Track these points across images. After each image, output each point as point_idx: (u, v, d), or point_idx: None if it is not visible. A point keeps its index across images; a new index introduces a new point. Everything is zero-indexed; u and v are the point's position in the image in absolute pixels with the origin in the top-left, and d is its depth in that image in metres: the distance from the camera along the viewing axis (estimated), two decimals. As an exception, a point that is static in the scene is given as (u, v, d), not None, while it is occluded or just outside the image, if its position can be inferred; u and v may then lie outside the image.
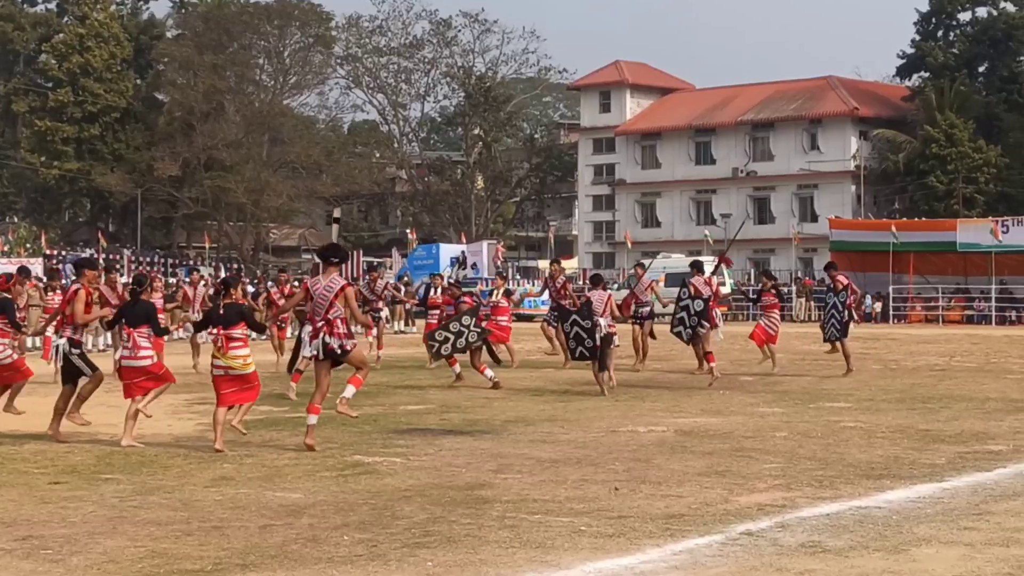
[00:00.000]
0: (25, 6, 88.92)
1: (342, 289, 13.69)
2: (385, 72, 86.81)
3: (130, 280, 17.20)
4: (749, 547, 8.93)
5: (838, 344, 24.76)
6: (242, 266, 73.12)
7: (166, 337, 19.67)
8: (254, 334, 16.05)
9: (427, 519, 9.98)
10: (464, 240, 70.12)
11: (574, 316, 20.76)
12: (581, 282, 66.39)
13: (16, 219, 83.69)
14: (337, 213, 67.35)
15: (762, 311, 25.92)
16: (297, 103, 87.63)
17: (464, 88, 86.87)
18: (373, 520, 9.95)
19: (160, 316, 16.96)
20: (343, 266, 14.35)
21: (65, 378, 14.89)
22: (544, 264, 76.43)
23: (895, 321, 53.54)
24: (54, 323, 16.08)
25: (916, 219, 60.15)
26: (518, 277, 65.02)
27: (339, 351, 13.68)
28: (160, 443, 14.41)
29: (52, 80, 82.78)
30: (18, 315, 17.15)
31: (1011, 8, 77.02)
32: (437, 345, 21.40)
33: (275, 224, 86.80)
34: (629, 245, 73.98)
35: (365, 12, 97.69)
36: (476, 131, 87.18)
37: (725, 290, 31.14)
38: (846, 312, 24.78)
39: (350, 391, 14.19)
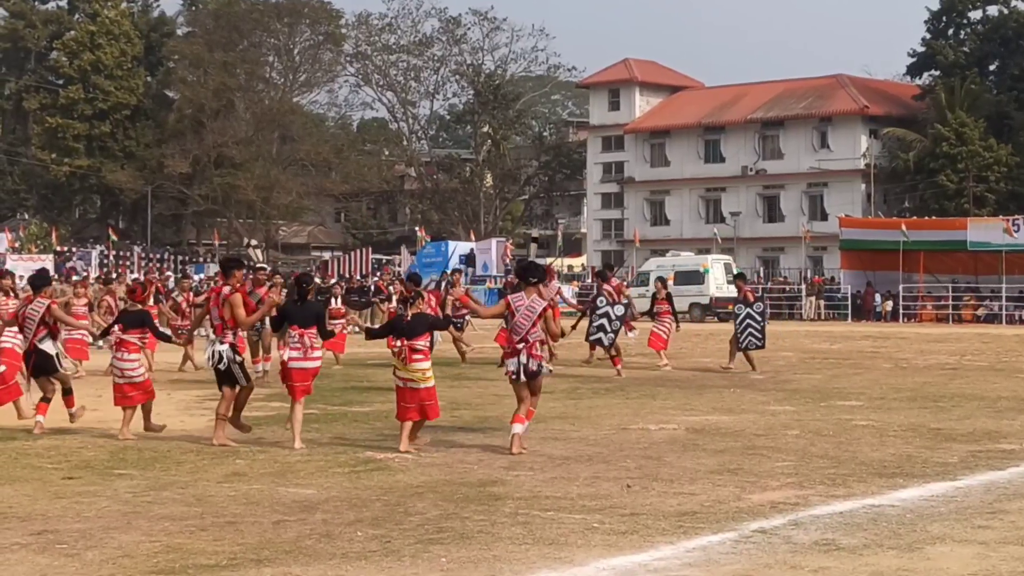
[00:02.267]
0: (36, 4, 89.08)
1: (544, 310, 13.42)
2: (394, 70, 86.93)
3: (293, 281, 16.58)
4: (763, 545, 8.93)
5: (750, 353, 24.88)
6: (251, 264, 73.16)
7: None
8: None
9: (440, 515, 9.99)
10: (473, 238, 70.10)
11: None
12: (590, 280, 66.43)
13: (27, 216, 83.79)
14: (535, 234, 66.86)
15: (655, 317, 26.14)
16: (307, 101, 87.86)
17: (473, 86, 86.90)
18: (386, 516, 9.96)
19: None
20: (540, 285, 13.89)
21: (221, 381, 14.18)
22: (552, 262, 76.49)
23: (905, 320, 53.47)
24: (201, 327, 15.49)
25: (926, 218, 60.05)
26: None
27: (536, 371, 13.35)
28: (172, 439, 14.43)
29: (63, 77, 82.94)
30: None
31: (1022, 7, 76.87)
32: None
33: (284, 221, 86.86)
34: (637, 243, 73.98)
35: (375, 10, 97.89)
36: (485, 129, 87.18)
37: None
38: (764, 322, 25.42)
39: (519, 428, 13.36)
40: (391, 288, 30.30)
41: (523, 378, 13.34)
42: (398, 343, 13.48)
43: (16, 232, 70.81)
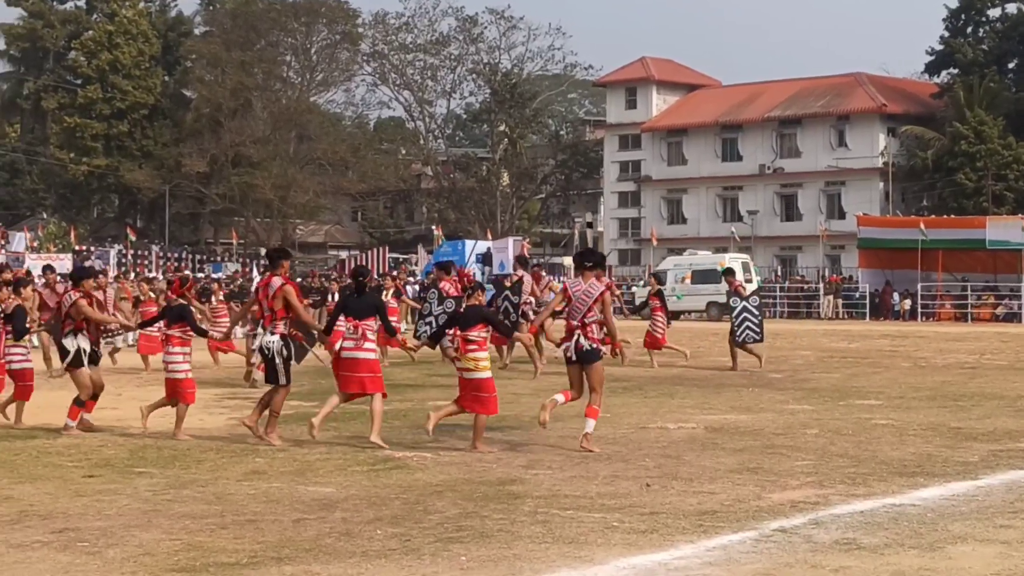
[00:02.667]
0: (55, 3, 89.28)
1: (601, 294, 13.57)
2: (411, 69, 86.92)
3: (348, 274, 16.55)
4: (783, 544, 8.92)
5: (748, 346, 24.84)
6: (267, 263, 73.26)
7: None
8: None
9: (459, 514, 9.99)
10: (490, 236, 70.07)
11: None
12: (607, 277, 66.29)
13: (46, 215, 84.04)
14: (589, 217, 66.78)
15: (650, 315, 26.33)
16: (324, 100, 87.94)
17: (490, 85, 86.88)
18: (405, 515, 9.97)
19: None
20: (599, 271, 14.05)
21: (268, 377, 14.19)
22: (570, 261, 76.47)
23: (924, 319, 53.34)
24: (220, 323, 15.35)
25: (945, 216, 59.89)
26: (544, 274, 64.74)
27: (590, 351, 13.46)
28: (192, 437, 14.45)
29: (81, 77, 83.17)
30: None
31: (1042, 4, 76.62)
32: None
33: (301, 220, 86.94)
34: (655, 242, 73.88)
35: (392, 9, 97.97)
36: (502, 128, 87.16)
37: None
38: (761, 315, 25.51)
39: (591, 425, 13.47)
40: (383, 282, 29.94)
41: (575, 357, 13.43)
42: (451, 333, 13.63)
43: (35, 231, 70.97)
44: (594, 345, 13.49)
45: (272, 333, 13.89)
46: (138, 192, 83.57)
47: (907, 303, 54.81)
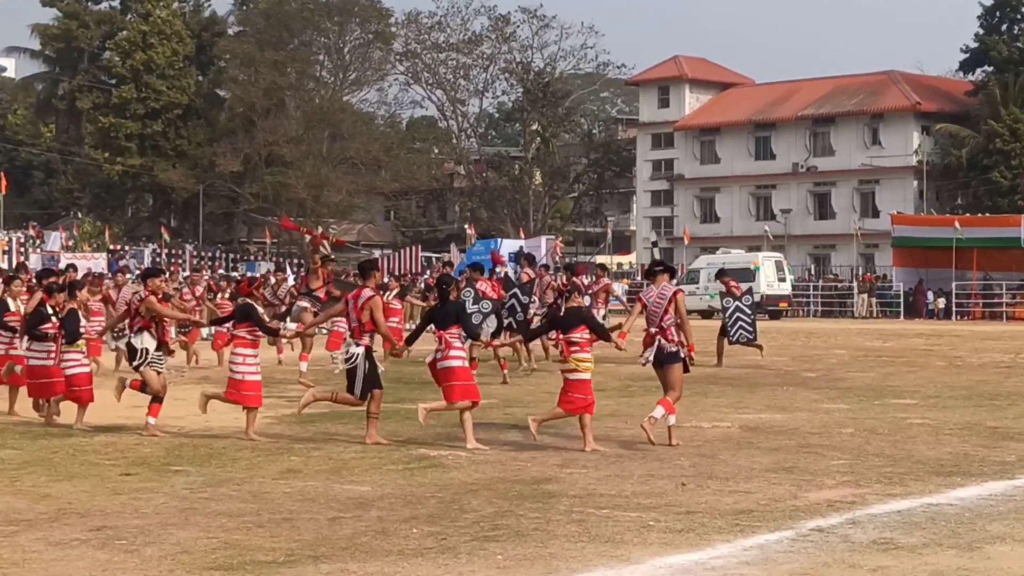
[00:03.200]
0: (89, 4, 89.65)
1: (674, 295, 13.88)
2: (444, 68, 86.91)
3: (434, 282, 16.21)
4: (820, 543, 8.89)
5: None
6: (302, 262, 73.46)
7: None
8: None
9: (495, 513, 10.00)
10: (522, 235, 70.05)
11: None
12: (639, 278, 66.23)
13: (80, 215, 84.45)
14: (653, 237, 66.49)
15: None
16: (357, 99, 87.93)
17: (522, 84, 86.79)
18: (441, 513, 9.99)
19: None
20: (668, 274, 14.35)
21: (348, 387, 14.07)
22: (601, 259, 76.35)
23: (958, 318, 53.03)
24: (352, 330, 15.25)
25: (979, 215, 59.53)
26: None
27: (670, 354, 13.74)
28: (227, 436, 14.51)
29: (116, 77, 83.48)
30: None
31: (1077, 1, 76.04)
32: None
33: (334, 220, 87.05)
34: (687, 241, 73.70)
35: (424, 8, 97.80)
36: (534, 127, 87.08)
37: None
38: (753, 315, 26.01)
39: (659, 411, 13.65)
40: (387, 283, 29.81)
41: (655, 360, 13.74)
42: (555, 336, 13.66)
43: (70, 231, 71.35)
44: (674, 347, 13.74)
45: (358, 344, 13.88)
46: (172, 192, 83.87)
47: (941, 302, 54.51)
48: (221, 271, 58.48)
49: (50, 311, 16.13)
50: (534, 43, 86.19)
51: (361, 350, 13.84)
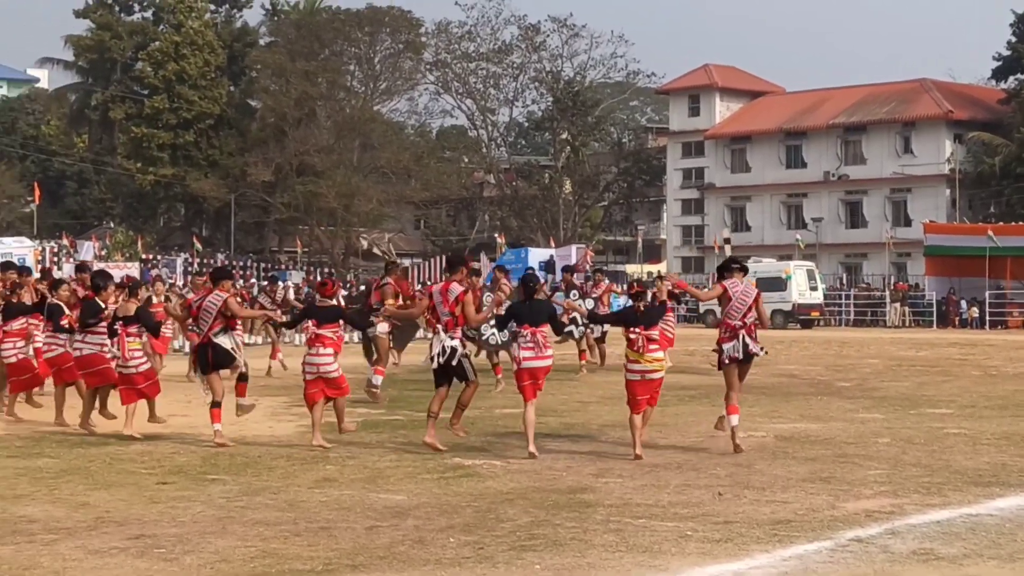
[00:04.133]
0: (122, 15, 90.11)
1: (758, 295, 14.32)
2: (474, 77, 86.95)
3: (520, 281, 15.76)
4: (860, 554, 8.85)
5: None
6: (333, 270, 73.62)
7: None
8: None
9: (531, 522, 9.99)
10: (553, 244, 70.02)
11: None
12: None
13: (113, 224, 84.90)
14: (727, 234, 66.45)
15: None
16: (387, 109, 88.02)
17: (552, 93, 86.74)
18: (477, 522, 9.98)
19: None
20: (743, 272, 14.66)
21: (440, 379, 14.00)
22: (632, 269, 76.25)
23: (992, 327, 52.69)
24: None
25: (1013, 223, 59.15)
26: (606, 281, 64.57)
27: (758, 353, 14.22)
28: (262, 444, 14.54)
29: (148, 87, 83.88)
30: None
31: (1111, 8, 75.51)
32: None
33: (365, 229, 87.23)
34: (717, 250, 73.50)
35: (455, 18, 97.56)
36: (564, 136, 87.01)
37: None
38: None
39: (735, 420, 14.16)
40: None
41: (742, 356, 14.04)
42: (635, 333, 13.70)
43: (103, 240, 71.68)
44: (757, 347, 14.19)
45: (452, 338, 13.86)
46: (204, 201, 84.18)
47: (975, 311, 54.18)
48: (253, 280, 58.60)
49: (103, 305, 16.13)
50: (564, 52, 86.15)
51: (456, 343, 13.85)
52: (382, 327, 19.82)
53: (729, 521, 10.00)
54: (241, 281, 54.20)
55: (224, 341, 14.72)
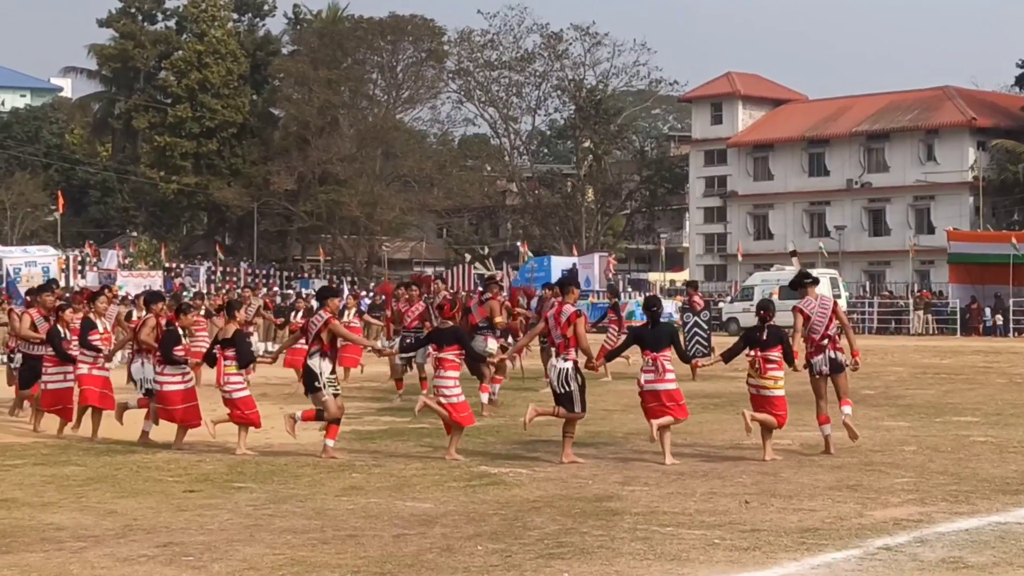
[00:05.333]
0: (145, 24, 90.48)
1: (835, 306, 14.82)
2: (496, 86, 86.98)
3: (643, 304, 15.65)
4: (889, 562, 8.82)
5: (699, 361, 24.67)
6: (355, 279, 73.79)
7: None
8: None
9: (558, 530, 9.99)
10: (575, 253, 70.00)
11: None
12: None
13: (136, 233, 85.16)
14: (793, 247, 66.27)
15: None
16: (409, 117, 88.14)
17: (575, 101, 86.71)
18: (505, 530, 9.98)
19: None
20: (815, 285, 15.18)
21: (559, 401, 13.97)
22: (655, 277, 76.19)
23: (1016, 334, 52.44)
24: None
25: (1037, 231, 58.88)
26: (629, 289, 64.65)
27: (842, 364, 14.67)
28: (288, 453, 14.56)
29: (171, 96, 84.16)
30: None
31: None
32: None
33: (388, 237, 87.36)
34: (741, 257, 73.43)
35: (477, 26, 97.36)
36: (586, 144, 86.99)
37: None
38: (709, 331, 26.74)
39: (848, 409, 14.73)
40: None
41: (827, 370, 14.57)
42: (752, 353, 14.15)
43: (126, 249, 71.99)
44: (841, 356, 14.69)
45: (565, 360, 13.83)
46: (227, 210, 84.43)
47: (999, 318, 53.94)
48: (276, 289, 58.75)
49: (181, 332, 15.76)
50: (586, 60, 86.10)
51: (570, 365, 13.82)
52: (492, 344, 19.67)
53: (756, 529, 9.99)
54: (264, 289, 54.41)
55: (315, 363, 14.20)
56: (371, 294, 52.40)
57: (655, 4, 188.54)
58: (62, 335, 16.94)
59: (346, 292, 44.16)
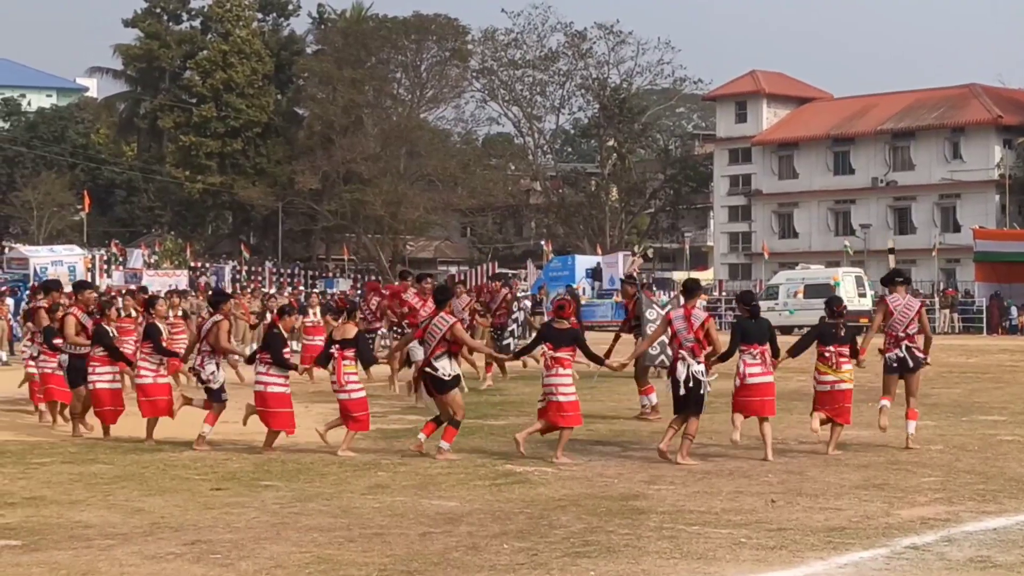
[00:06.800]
0: (171, 24, 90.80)
1: (920, 307, 15.21)
2: (520, 85, 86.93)
3: (737, 298, 15.66)
4: (916, 561, 8.80)
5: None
6: (380, 278, 73.88)
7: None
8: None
9: (584, 529, 9.99)
10: (599, 252, 69.94)
11: None
12: (716, 293, 65.77)
13: (162, 232, 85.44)
14: (891, 243, 66.20)
15: None
16: (433, 116, 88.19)
17: (598, 100, 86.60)
18: (531, 529, 9.99)
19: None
20: (907, 284, 15.56)
21: (680, 406, 13.93)
22: (680, 276, 76.02)
23: (1043, 333, 52.21)
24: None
25: (1064, 229, 58.61)
26: (654, 288, 64.46)
27: (918, 362, 15.06)
28: (313, 451, 14.59)
29: (196, 96, 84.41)
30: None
31: None
32: None
33: (412, 236, 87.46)
34: (766, 256, 73.22)
35: (501, 25, 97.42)
36: (610, 143, 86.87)
37: None
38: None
39: (913, 427, 15.01)
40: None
41: (910, 364, 14.90)
42: (830, 349, 14.57)
43: (152, 248, 72.26)
44: (923, 356, 15.07)
45: (699, 363, 13.85)
46: (252, 209, 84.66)
47: (1024, 318, 53.71)
48: (301, 287, 58.85)
49: (284, 334, 15.47)
50: (610, 59, 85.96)
51: (700, 367, 13.84)
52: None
53: (783, 528, 9.97)
54: (290, 288, 54.54)
55: (442, 365, 14.12)
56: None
57: (680, 2, 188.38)
58: (112, 333, 16.73)
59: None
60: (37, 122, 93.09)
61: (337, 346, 14.67)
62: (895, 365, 14.93)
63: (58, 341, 17.03)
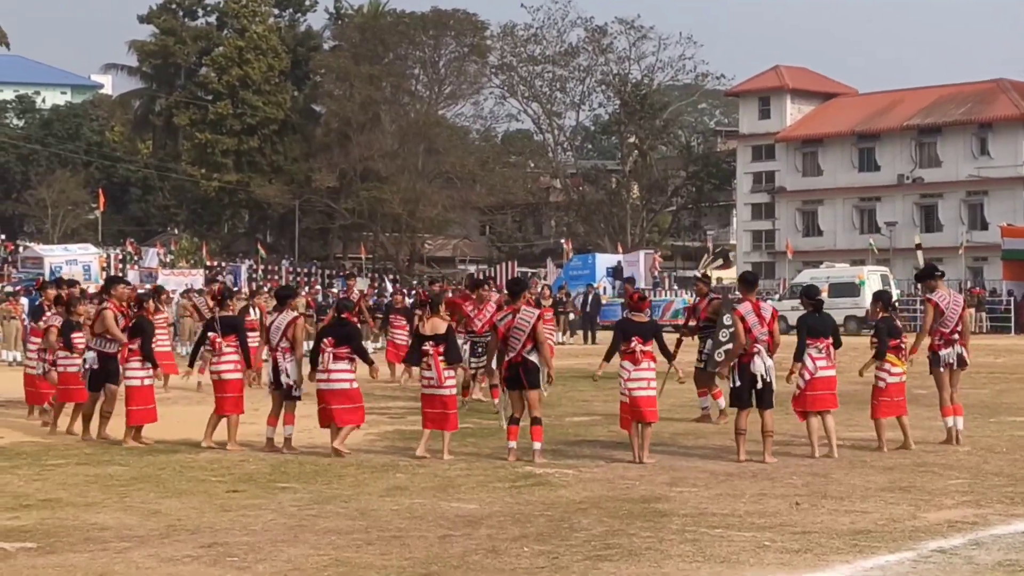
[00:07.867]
0: (186, 20, 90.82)
1: (965, 305, 15.35)
2: (540, 81, 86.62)
3: (801, 292, 15.52)
4: (943, 565, 8.65)
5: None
6: (397, 277, 73.75)
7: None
8: None
9: (605, 532, 9.86)
10: (620, 250, 69.70)
11: None
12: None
13: (177, 231, 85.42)
14: (918, 239, 66.22)
15: None
16: (452, 113, 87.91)
17: (619, 96, 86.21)
18: (551, 532, 9.86)
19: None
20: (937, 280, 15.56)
21: (755, 401, 13.94)
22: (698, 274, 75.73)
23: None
24: None
25: (1092, 226, 58.16)
26: (675, 287, 64.32)
27: (966, 363, 15.37)
28: (331, 453, 14.45)
29: (212, 93, 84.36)
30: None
31: None
32: None
33: (430, 235, 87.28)
34: (790, 255, 72.79)
35: (520, 21, 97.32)
36: (631, 139, 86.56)
37: None
38: None
39: (961, 422, 15.29)
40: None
41: (956, 364, 15.17)
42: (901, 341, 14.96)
43: (167, 247, 72.19)
44: (966, 352, 15.22)
45: (771, 358, 13.88)
46: (268, 207, 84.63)
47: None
48: (318, 287, 58.76)
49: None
50: (631, 54, 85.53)
51: (772, 363, 13.91)
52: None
53: (807, 531, 9.82)
54: (306, 287, 54.47)
55: (536, 359, 14.00)
56: (411, 293, 52.26)
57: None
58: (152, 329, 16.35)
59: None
60: (52, 119, 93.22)
61: (431, 343, 14.34)
62: (951, 362, 15.08)
63: (80, 337, 16.69)
